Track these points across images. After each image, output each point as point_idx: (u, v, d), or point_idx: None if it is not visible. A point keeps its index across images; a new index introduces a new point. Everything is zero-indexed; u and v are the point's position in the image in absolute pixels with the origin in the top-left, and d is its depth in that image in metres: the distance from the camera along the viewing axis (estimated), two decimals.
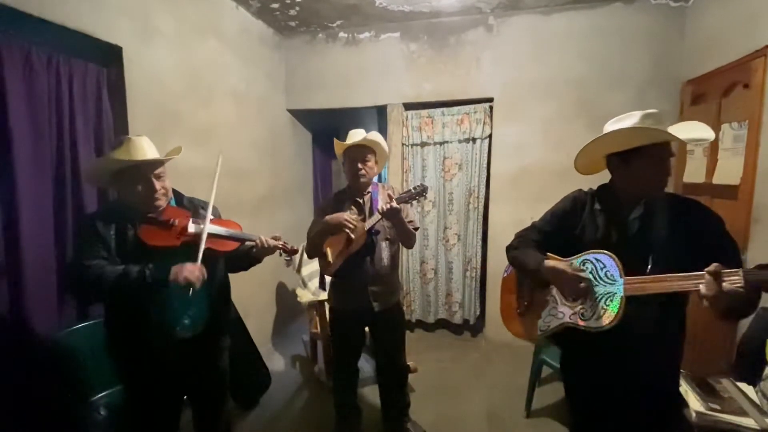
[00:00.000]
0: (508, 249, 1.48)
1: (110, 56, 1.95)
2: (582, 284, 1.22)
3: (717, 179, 2.21)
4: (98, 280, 1.23)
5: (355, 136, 1.90)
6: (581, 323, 1.23)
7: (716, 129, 2.22)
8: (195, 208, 1.52)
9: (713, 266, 0.98)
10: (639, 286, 1.13)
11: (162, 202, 1.39)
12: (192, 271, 1.28)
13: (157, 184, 1.36)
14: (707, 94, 2.45)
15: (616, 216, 1.27)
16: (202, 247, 1.35)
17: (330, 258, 1.89)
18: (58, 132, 1.73)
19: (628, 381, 1.24)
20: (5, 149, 1.55)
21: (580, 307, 1.25)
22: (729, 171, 2.12)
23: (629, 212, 1.25)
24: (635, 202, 1.25)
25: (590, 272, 1.23)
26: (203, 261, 1.35)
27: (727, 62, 2.20)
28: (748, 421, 1.39)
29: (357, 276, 1.89)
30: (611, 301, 1.16)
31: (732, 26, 2.20)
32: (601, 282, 1.20)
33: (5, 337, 1.57)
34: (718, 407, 1.45)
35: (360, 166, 1.88)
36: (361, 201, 1.94)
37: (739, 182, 2.03)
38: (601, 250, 1.22)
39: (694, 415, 1.44)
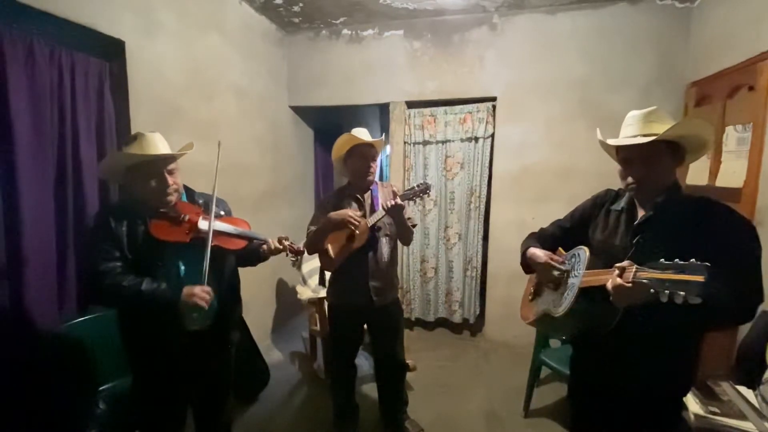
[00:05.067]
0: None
1: (113, 50, 1.95)
2: (555, 273, 1.30)
3: (720, 182, 2.20)
4: (114, 293, 1.28)
5: (361, 134, 1.90)
6: (552, 309, 1.26)
7: (720, 131, 2.21)
8: (206, 203, 1.53)
9: (625, 262, 1.00)
10: (586, 280, 1.15)
11: (174, 198, 1.41)
12: (201, 295, 1.30)
13: (170, 180, 1.37)
14: (712, 96, 2.43)
15: (627, 217, 1.26)
16: (210, 242, 1.36)
17: (332, 254, 1.89)
18: (59, 125, 1.73)
19: (631, 384, 1.23)
20: (7, 142, 1.54)
21: (557, 295, 1.29)
22: (732, 173, 2.11)
23: (638, 215, 1.23)
24: (645, 204, 1.22)
25: (572, 264, 1.27)
26: (213, 257, 1.37)
27: (733, 64, 2.18)
28: (747, 425, 1.38)
29: (358, 272, 1.90)
30: (572, 291, 1.19)
31: (738, 28, 2.18)
32: (573, 274, 1.24)
33: (6, 332, 1.57)
34: (717, 410, 1.45)
35: (371, 164, 1.90)
36: (362, 198, 1.95)
37: (743, 185, 2.02)
38: (582, 246, 1.26)
39: (693, 417, 1.44)
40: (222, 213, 1.55)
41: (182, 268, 1.41)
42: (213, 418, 1.65)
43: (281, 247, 1.58)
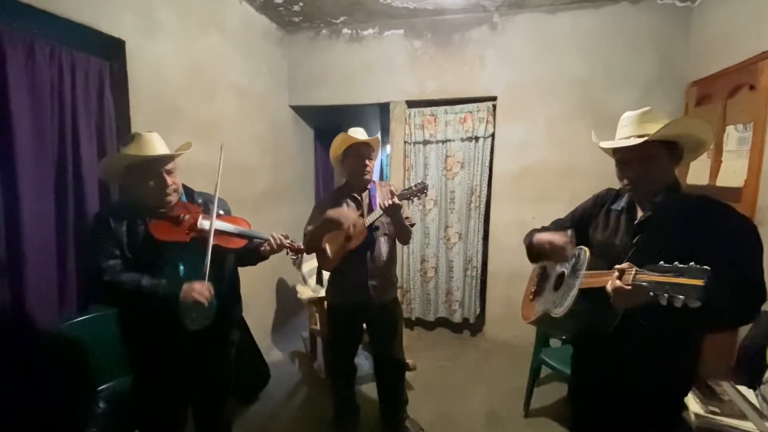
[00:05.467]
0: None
1: (113, 50, 1.95)
2: (568, 251, 1.28)
3: (721, 181, 2.20)
4: (114, 289, 1.29)
5: (356, 133, 1.90)
6: (552, 310, 1.27)
7: (721, 131, 2.21)
8: (205, 203, 1.54)
9: (625, 264, 1.00)
10: (586, 281, 1.15)
11: (173, 198, 1.41)
12: (201, 291, 1.29)
13: (169, 180, 1.37)
14: (712, 95, 2.43)
15: (627, 217, 1.26)
16: (211, 242, 1.37)
17: (329, 254, 1.89)
18: (60, 125, 1.73)
19: (632, 384, 1.23)
20: (7, 142, 1.54)
21: (557, 295, 1.29)
22: (733, 173, 2.10)
23: (638, 214, 1.23)
24: (644, 204, 1.21)
25: (572, 264, 1.27)
26: (213, 256, 1.37)
27: (733, 63, 2.18)
28: (747, 425, 1.38)
29: (356, 271, 1.90)
30: (572, 292, 1.19)
31: (738, 27, 2.18)
32: (573, 274, 1.23)
33: (5, 331, 1.57)
34: (717, 410, 1.45)
35: (367, 162, 1.89)
36: (359, 198, 1.94)
37: (743, 184, 2.02)
38: (582, 247, 1.25)
39: (693, 417, 1.44)
40: (221, 212, 1.55)
41: (182, 267, 1.42)
42: (213, 418, 1.65)
43: (283, 242, 1.57)
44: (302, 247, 1.68)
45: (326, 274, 2.06)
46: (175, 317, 1.34)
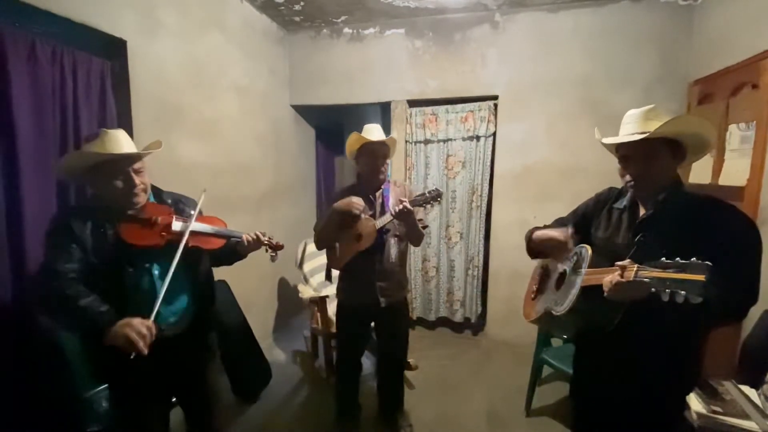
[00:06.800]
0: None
1: (114, 49, 1.95)
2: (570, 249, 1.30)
3: (723, 180, 2.19)
4: (54, 296, 1.17)
5: (372, 130, 1.88)
6: (553, 308, 1.26)
7: (723, 130, 2.20)
8: (175, 203, 1.47)
9: (626, 261, 1.01)
10: (588, 279, 1.15)
11: (141, 199, 1.33)
12: (139, 330, 1.12)
13: (136, 179, 1.29)
14: (715, 94, 2.42)
15: (629, 215, 1.26)
16: (182, 247, 1.30)
17: (338, 252, 1.88)
18: (61, 124, 1.73)
19: (633, 383, 1.23)
20: (9, 141, 1.55)
21: (559, 293, 1.28)
22: (735, 172, 2.10)
23: (640, 213, 1.23)
24: (646, 202, 1.21)
25: (574, 262, 1.26)
26: (188, 257, 1.32)
27: (736, 62, 2.17)
28: (750, 424, 1.38)
29: (365, 272, 1.89)
30: (573, 290, 1.19)
31: (741, 25, 2.17)
32: (575, 272, 1.23)
33: (8, 330, 1.58)
34: (720, 410, 1.44)
35: (382, 162, 1.88)
36: (372, 198, 1.92)
37: (746, 184, 2.01)
38: (584, 245, 1.25)
39: (695, 417, 1.43)
40: (192, 213, 1.43)
41: (156, 272, 1.34)
42: (202, 424, 1.62)
43: (260, 238, 1.51)
44: (281, 245, 1.61)
45: (335, 272, 2.04)
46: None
